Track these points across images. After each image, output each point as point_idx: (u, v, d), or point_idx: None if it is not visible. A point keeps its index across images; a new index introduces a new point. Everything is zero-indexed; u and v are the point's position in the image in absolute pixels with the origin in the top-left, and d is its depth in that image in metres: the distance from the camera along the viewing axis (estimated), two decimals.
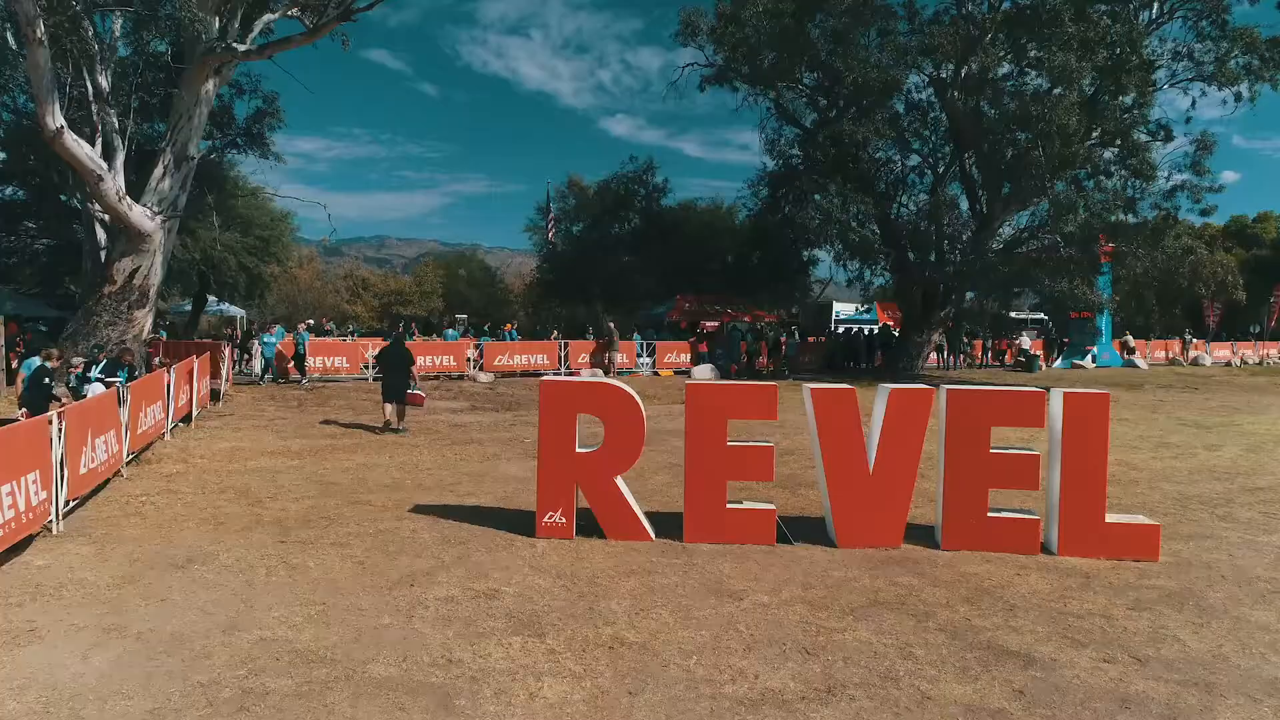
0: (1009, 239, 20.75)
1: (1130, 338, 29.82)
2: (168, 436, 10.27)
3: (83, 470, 6.63)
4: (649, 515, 6.53)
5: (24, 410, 8.15)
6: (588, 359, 21.68)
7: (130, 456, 8.47)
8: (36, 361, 8.74)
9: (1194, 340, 32.34)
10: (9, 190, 21.20)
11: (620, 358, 21.83)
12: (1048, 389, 6.62)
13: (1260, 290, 51.35)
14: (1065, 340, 29.14)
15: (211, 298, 27.69)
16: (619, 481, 6.34)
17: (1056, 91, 17.67)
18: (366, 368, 19.29)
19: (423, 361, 19.60)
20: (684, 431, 6.34)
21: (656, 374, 22.30)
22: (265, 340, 18.16)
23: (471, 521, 6.75)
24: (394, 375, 11.88)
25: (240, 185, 23.20)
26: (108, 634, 4.23)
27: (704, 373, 21.74)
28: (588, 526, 6.35)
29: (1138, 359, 28.58)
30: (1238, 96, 20.27)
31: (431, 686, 3.71)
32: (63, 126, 11.71)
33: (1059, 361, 28.42)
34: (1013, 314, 29.71)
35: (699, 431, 6.29)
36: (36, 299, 24.49)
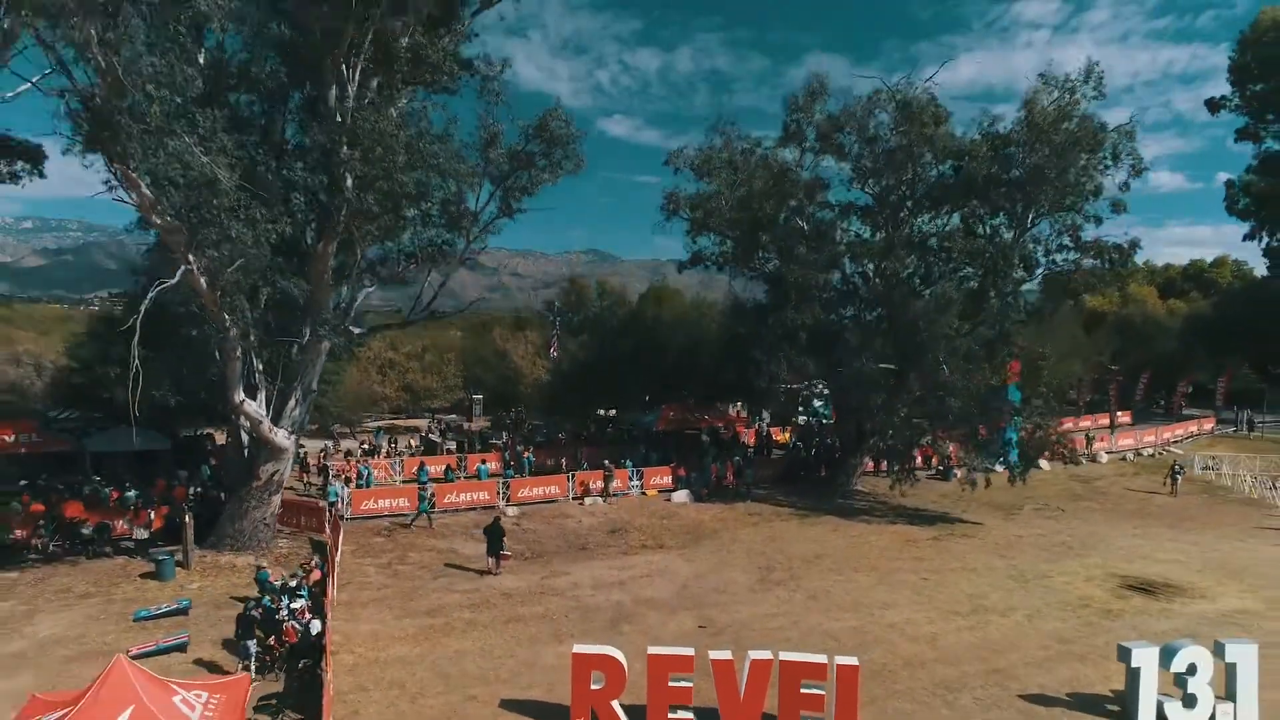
0: (919, 395, 26.73)
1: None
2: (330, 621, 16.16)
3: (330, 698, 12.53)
4: (630, 708, 12.42)
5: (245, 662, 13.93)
6: (583, 486, 27.58)
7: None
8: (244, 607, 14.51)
9: (1097, 435, 38.37)
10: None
11: (615, 483, 27.79)
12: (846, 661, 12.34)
13: (1196, 350, 56.64)
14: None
15: None
16: (614, 704, 12.27)
17: (938, 304, 23.73)
18: (423, 500, 25.23)
19: (464, 497, 25.68)
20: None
21: (644, 494, 28.26)
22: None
23: (535, 716, 12.66)
24: (493, 542, 19.29)
25: None
26: None
27: (682, 497, 27.76)
28: None
29: (1042, 461, 34.53)
30: (1090, 288, 26.42)
31: None
32: (243, 400, 17.62)
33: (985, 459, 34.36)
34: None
35: (654, 683, 12.21)
36: (148, 426, 29.93)
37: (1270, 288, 57.16)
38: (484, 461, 29.16)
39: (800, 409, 29.18)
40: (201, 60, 16.14)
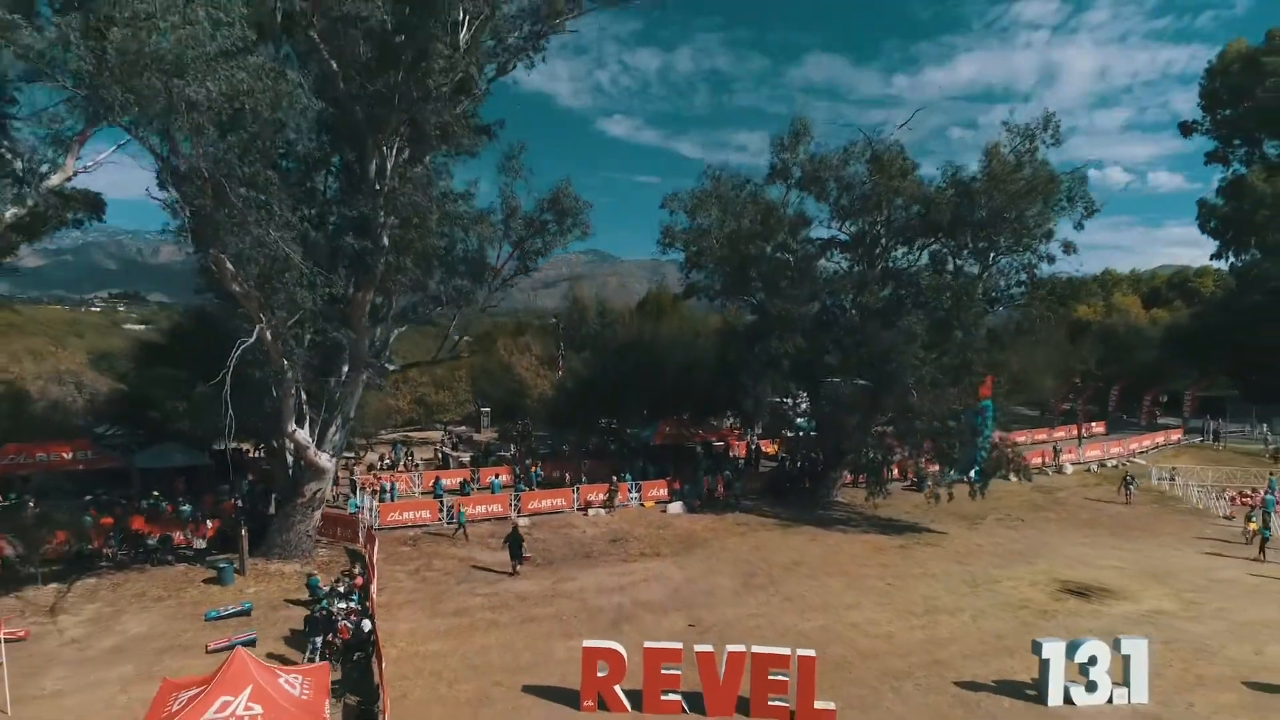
0: (891, 416, 29.54)
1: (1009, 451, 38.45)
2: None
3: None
4: (629, 692, 15.13)
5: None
6: (588, 499, 30.34)
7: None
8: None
9: (1064, 447, 41.17)
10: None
11: (617, 496, 30.53)
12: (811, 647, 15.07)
13: (1174, 360, 58.95)
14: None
15: None
16: (616, 689, 14.99)
17: (905, 337, 26.55)
18: (442, 511, 27.95)
19: (481, 510, 28.37)
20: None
21: (643, 505, 31.00)
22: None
23: (550, 699, 15.38)
24: (515, 547, 22.15)
25: None
26: None
27: (676, 508, 30.50)
28: (601, 704, 15.00)
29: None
30: (1043, 318, 29.23)
31: None
32: (295, 429, 20.37)
33: (950, 473, 37.09)
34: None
35: (649, 671, 14.94)
36: (189, 444, 32.48)
37: (1242, 301, 59.24)
38: (496, 475, 31.92)
39: (785, 425, 32.04)
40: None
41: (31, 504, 22.79)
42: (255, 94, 12.95)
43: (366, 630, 16.79)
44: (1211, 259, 58.80)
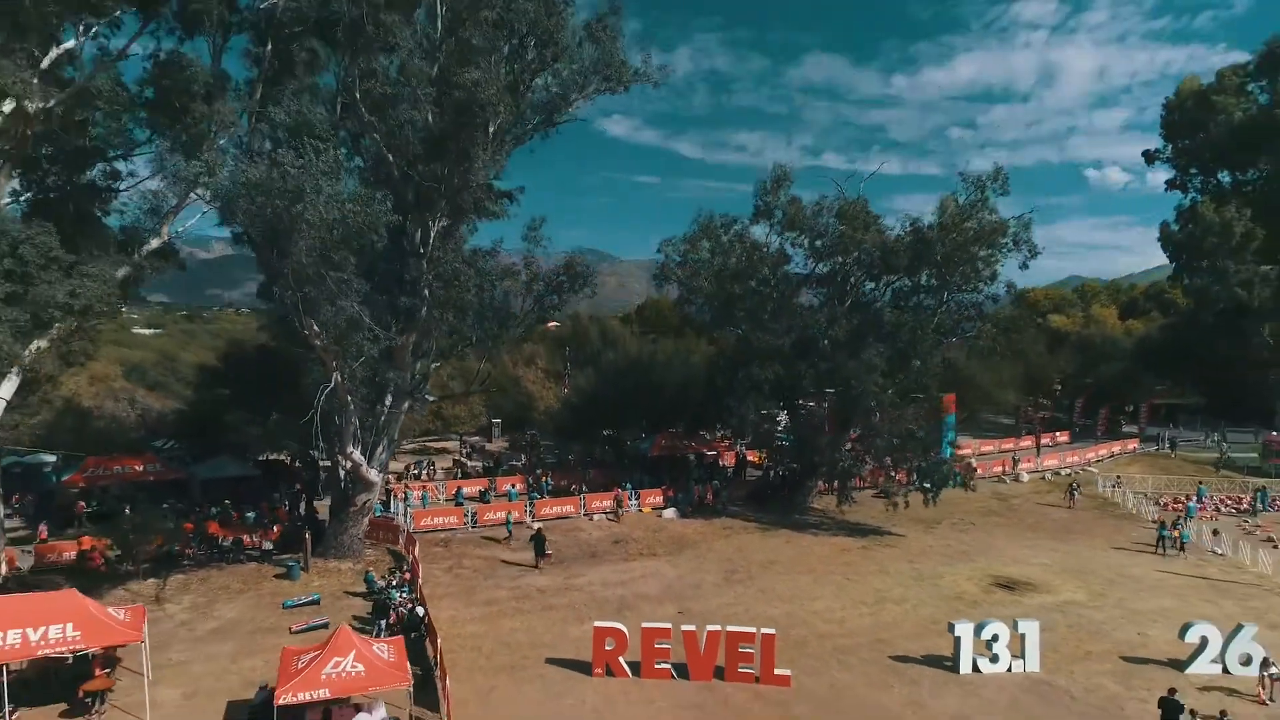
0: (858, 435, 33.84)
1: (972, 461, 42.70)
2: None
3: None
4: (630, 662, 19.31)
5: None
6: (593, 506, 34.57)
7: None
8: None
9: (1022, 456, 45.43)
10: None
11: (621, 503, 34.75)
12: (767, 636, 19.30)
13: (1143, 371, 62.92)
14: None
15: None
16: (620, 659, 19.18)
17: (867, 367, 30.85)
18: (467, 517, 32.15)
19: (500, 515, 32.55)
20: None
21: (641, 511, 35.21)
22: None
23: (568, 668, 19.56)
24: (540, 546, 26.41)
25: None
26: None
27: (670, 513, 34.72)
28: (608, 671, 19.18)
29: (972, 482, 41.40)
30: (991, 350, 33.49)
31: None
32: (353, 451, 24.62)
33: (914, 482, 41.32)
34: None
35: (646, 646, 19.15)
36: (242, 457, 36.58)
37: (1202, 319, 62.86)
38: (513, 485, 36.13)
39: (769, 439, 36.72)
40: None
41: (129, 511, 26.91)
42: (356, 216, 17.08)
43: (420, 615, 20.98)
44: (1168, 280, 62.94)
